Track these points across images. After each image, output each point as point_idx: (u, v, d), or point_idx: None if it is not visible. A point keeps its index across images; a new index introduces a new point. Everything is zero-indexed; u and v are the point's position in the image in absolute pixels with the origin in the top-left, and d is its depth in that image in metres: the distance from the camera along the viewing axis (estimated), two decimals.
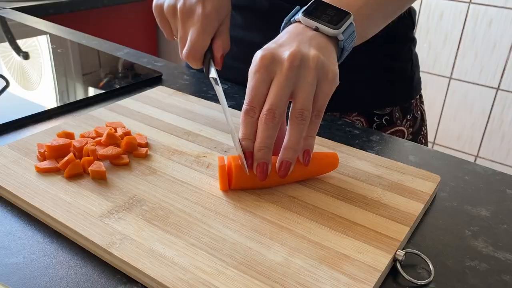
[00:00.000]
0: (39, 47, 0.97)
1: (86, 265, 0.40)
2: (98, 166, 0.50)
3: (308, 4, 0.51)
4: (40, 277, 0.39)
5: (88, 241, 0.41)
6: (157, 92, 0.71)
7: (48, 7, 1.54)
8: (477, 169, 0.57)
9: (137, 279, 0.39)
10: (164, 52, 2.22)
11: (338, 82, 0.47)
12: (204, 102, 0.69)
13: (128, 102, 0.67)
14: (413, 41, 0.79)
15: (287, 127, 0.46)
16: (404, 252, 0.41)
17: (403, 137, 0.79)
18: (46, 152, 0.51)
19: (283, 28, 0.52)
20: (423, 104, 0.84)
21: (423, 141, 0.84)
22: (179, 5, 0.57)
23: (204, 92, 0.76)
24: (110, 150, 0.52)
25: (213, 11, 0.56)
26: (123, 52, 0.94)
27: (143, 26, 2.09)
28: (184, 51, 0.57)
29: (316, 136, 0.60)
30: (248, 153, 0.46)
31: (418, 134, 0.82)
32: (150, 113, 0.64)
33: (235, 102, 0.72)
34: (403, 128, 0.79)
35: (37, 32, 1.06)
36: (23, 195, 0.46)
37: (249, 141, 0.46)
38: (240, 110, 0.66)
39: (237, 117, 0.64)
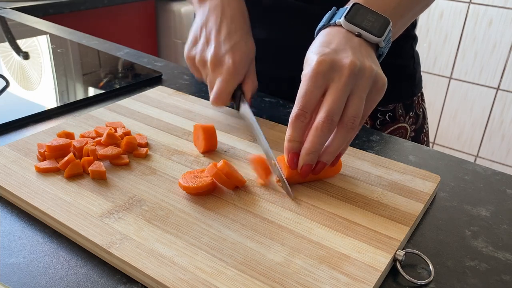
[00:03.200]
0: (39, 47, 0.97)
1: (86, 265, 0.40)
2: (98, 166, 0.50)
3: (348, 8, 0.51)
4: (40, 277, 0.39)
5: (88, 241, 0.41)
6: (157, 92, 0.71)
7: (48, 7, 1.54)
8: (477, 169, 0.57)
9: (137, 279, 0.39)
10: (164, 52, 2.23)
11: (384, 91, 0.48)
12: (204, 102, 0.69)
13: (128, 102, 0.67)
14: (414, 39, 0.80)
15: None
16: (404, 252, 0.41)
17: (406, 134, 0.80)
18: (46, 152, 0.51)
19: (320, 30, 0.52)
20: (424, 102, 0.85)
21: (425, 139, 0.85)
22: (209, 56, 0.59)
23: (204, 92, 0.76)
24: (110, 150, 0.52)
25: (241, 61, 0.59)
26: (123, 52, 0.94)
27: (143, 26, 2.09)
28: (211, 98, 0.60)
29: None
30: (293, 154, 0.47)
31: (421, 131, 0.83)
32: (150, 113, 0.64)
33: None
34: (406, 125, 0.80)
35: (37, 32, 1.06)
36: (23, 195, 0.46)
37: (297, 143, 0.47)
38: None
39: (236, 117, 0.64)
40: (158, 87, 0.73)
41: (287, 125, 0.63)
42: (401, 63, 0.78)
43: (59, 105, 0.69)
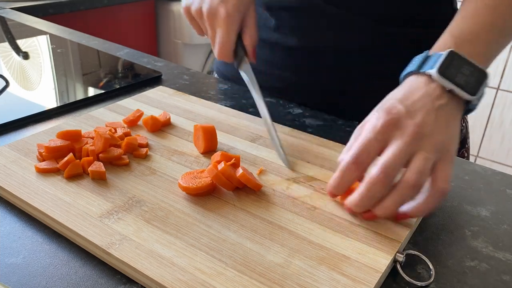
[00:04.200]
0: (39, 47, 0.97)
1: (85, 265, 0.40)
2: (98, 166, 0.49)
3: (443, 57, 0.46)
4: (40, 277, 0.39)
5: (87, 242, 0.41)
6: (157, 92, 0.71)
7: (48, 7, 1.54)
8: (477, 169, 0.57)
9: (137, 280, 0.39)
10: (164, 52, 2.22)
11: (454, 161, 0.44)
12: (204, 102, 0.69)
13: (128, 102, 0.67)
14: None
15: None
16: (404, 254, 0.41)
17: None
18: (44, 153, 0.51)
19: (406, 76, 0.49)
20: (466, 116, 0.78)
21: (466, 154, 0.79)
22: (203, 8, 0.60)
23: (204, 92, 0.76)
24: (111, 152, 0.52)
25: (234, 9, 0.58)
26: (123, 52, 0.94)
27: (143, 26, 2.08)
28: (215, 52, 0.60)
29: (316, 137, 0.60)
30: (332, 194, 0.46)
31: (462, 147, 0.78)
32: (150, 113, 0.64)
33: (234, 102, 0.72)
34: None
35: (37, 32, 1.06)
36: (22, 195, 0.46)
37: (341, 192, 0.45)
38: (239, 109, 0.67)
39: (237, 117, 0.64)
40: (158, 87, 0.73)
41: (287, 125, 0.63)
42: None
43: (59, 105, 0.69)
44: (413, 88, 0.46)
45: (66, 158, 0.50)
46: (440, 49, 0.48)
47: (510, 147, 2.05)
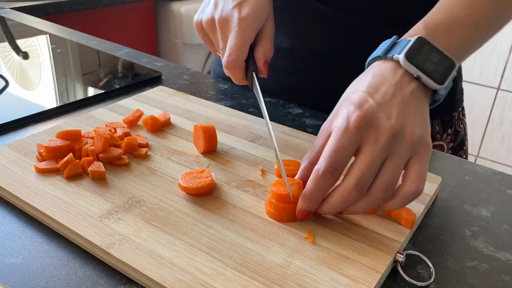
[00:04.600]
0: (39, 47, 0.97)
1: (85, 265, 0.40)
2: (98, 166, 0.49)
3: (411, 42, 0.44)
4: (40, 277, 0.39)
5: (87, 242, 0.41)
6: (157, 92, 0.71)
7: (47, 7, 1.54)
8: (477, 169, 0.57)
9: (136, 280, 0.39)
10: (164, 52, 2.22)
11: (430, 153, 0.43)
12: (204, 102, 0.69)
13: (128, 102, 0.67)
14: None
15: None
16: (404, 254, 0.41)
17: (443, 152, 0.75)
18: (44, 153, 0.51)
19: (372, 61, 0.47)
20: (464, 117, 0.78)
21: (464, 157, 0.78)
22: (216, 16, 0.54)
23: (204, 92, 0.76)
24: (111, 152, 0.52)
25: (250, 14, 0.53)
26: (123, 52, 0.94)
27: (143, 26, 2.08)
28: (224, 61, 0.53)
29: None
30: (305, 212, 0.43)
31: (459, 149, 0.77)
32: (150, 113, 0.64)
33: (234, 102, 0.72)
34: (443, 143, 0.75)
35: (36, 32, 1.06)
36: (22, 195, 0.46)
37: (315, 204, 0.42)
38: (239, 109, 0.67)
39: (236, 117, 0.64)
40: (158, 87, 0.73)
41: (287, 125, 0.63)
42: None
43: (58, 105, 0.69)
44: (380, 76, 0.44)
45: (66, 158, 0.50)
46: (411, 36, 0.46)
47: (510, 147, 2.05)
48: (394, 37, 0.47)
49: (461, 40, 0.47)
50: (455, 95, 0.75)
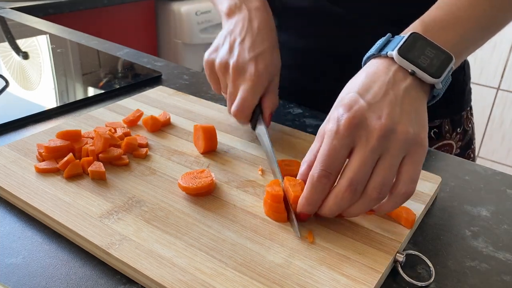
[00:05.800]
0: (39, 47, 0.97)
1: (85, 265, 0.40)
2: (98, 166, 0.49)
3: (405, 38, 0.44)
4: (40, 277, 0.39)
5: (87, 242, 0.41)
6: (157, 92, 0.71)
7: (47, 7, 1.54)
8: (477, 169, 0.57)
9: (137, 280, 0.39)
10: (164, 52, 2.22)
11: (426, 152, 0.42)
12: (204, 102, 0.69)
13: (128, 102, 0.67)
14: None
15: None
16: (404, 254, 0.41)
17: (451, 151, 0.75)
18: (44, 153, 0.51)
19: (367, 59, 0.47)
20: (472, 117, 0.78)
21: (472, 156, 0.78)
22: (231, 62, 0.55)
23: (204, 92, 0.76)
24: (111, 152, 0.52)
25: (265, 70, 0.55)
26: (123, 52, 0.94)
27: (143, 26, 2.08)
28: (233, 108, 0.55)
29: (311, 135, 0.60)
30: (305, 215, 0.43)
31: (467, 148, 0.77)
32: (150, 113, 0.64)
33: None
34: (452, 142, 0.75)
35: (36, 32, 1.06)
36: (22, 195, 0.46)
37: (313, 208, 0.42)
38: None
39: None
40: (158, 87, 0.73)
41: (287, 125, 0.63)
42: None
43: (58, 105, 0.69)
44: (373, 75, 0.44)
45: (66, 158, 0.50)
46: (406, 33, 0.46)
47: (510, 147, 2.05)
48: (388, 34, 0.47)
49: (461, 36, 0.47)
50: (464, 95, 0.76)
